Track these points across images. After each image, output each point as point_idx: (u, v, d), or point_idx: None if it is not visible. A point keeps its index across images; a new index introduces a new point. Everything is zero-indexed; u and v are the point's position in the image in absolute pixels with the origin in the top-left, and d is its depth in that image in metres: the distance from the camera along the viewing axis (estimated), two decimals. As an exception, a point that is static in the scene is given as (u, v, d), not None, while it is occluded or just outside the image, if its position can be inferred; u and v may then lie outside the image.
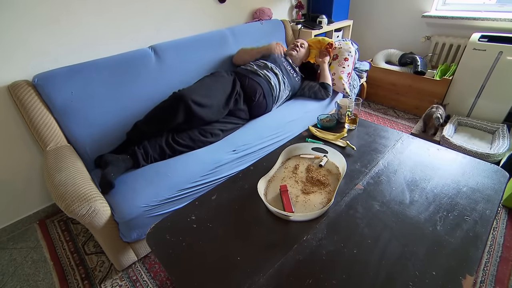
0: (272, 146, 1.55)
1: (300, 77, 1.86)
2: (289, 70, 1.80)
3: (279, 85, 1.70)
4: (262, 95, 1.61)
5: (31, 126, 1.25)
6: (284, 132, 1.64)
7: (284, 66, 1.78)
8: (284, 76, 1.75)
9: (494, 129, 1.96)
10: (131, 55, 1.49)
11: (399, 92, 2.45)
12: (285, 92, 1.76)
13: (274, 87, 1.67)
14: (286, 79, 1.75)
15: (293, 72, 1.83)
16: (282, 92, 1.73)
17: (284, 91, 1.75)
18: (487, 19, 2.05)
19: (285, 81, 1.74)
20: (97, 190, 1.10)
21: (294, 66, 1.85)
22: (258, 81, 1.62)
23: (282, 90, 1.73)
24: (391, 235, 0.84)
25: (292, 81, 1.80)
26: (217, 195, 1.01)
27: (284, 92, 1.76)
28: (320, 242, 0.83)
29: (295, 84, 1.82)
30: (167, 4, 1.71)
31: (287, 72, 1.78)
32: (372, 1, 2.65)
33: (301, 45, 1.91)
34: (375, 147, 1.22)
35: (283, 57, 1.81)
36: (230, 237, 0.86)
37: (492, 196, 0.95)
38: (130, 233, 1.13)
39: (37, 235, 1.55)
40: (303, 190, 1.00)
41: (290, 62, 1.84)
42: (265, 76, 1.66)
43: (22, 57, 1.30)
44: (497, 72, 1.89)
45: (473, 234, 0.83)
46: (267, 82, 1.65)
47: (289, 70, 1.80)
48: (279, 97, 1.73)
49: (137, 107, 1.47)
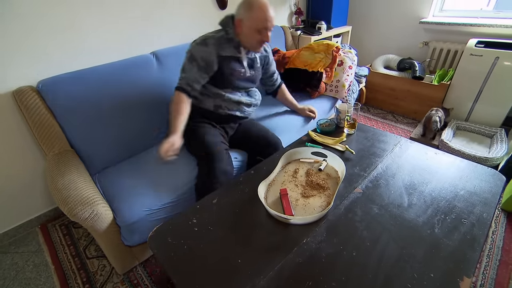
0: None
1: (259, 63, 1.46)
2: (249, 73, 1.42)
3: (247, 99, 1.46)
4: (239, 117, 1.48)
5: (35, 131, 1.27)
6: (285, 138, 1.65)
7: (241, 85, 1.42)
8: (246, 90, 1.48)
9: (492, 133, 1.97)
10: (133, 61, 1.52)
11: (398, 96, 2.48)
12: (255, 96, 1.52)
13: (245, 106, 1.46)
14: (248, 88, 1.48)
15: (251, 70, 1.43)
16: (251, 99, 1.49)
17: (254, 96, 1.52)
18: (483, 25, 2.08)
19: (249, 91, 1.50)
20: (99, 194, 1.11)
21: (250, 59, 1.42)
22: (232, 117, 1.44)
23: (252, 98, 1.50)
24: (389, 237, 0.85)
25: (256, 80, 1.48)
26: (218, 198, 1.02)
27: (254, 97, 1.52)
28: (319, 245, 0.84)
29: (258, 76, 1.49)
30: (169, 10, 1.75)
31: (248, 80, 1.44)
32: (371, 7, 2.69)
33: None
34: (374, 151, 1.24)
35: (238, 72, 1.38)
36: (231, 240, 0.87)
37: (489, 199, 0.96)
38: (132, 237, 1.14)
39: (38, 239, 1.56)
40: (303, 193, 1.01)
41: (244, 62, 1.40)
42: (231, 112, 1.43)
43: (27, 63, 1.33)
44: (494, 77, 1.91)
45: (470, 236, 0.84)
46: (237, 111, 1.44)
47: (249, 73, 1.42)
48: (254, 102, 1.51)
49: (139, 112, 1.49)
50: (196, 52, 1.26)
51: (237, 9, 1.24)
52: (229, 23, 1.27)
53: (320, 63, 1.92)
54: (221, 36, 1.29)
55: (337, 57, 1.92)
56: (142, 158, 1.46)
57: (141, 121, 1.51)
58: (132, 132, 1.49)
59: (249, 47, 1.31)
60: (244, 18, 1.21)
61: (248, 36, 1.25)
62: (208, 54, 1.25)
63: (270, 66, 1.56)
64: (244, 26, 1.23)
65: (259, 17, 1.19)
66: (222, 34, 1.29)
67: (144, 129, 1.53)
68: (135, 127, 1.49)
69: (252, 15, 1.19)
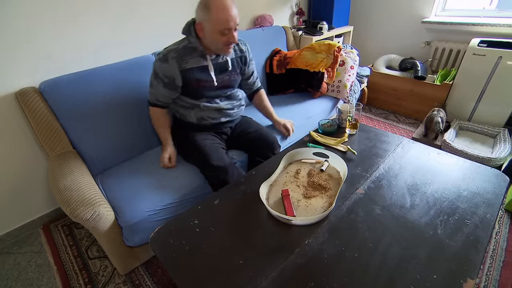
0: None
1: (233, 63, 1.35)
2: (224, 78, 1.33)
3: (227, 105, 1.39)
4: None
5: (38, 131, 1.28)
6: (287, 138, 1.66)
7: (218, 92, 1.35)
8: (224, 96, 1.39)
9: (495, 133, 1.96)
10: (135, 61, 1.52)
11: (400, 97, 2.47)
12: (236, 98, 1.45)
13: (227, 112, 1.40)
14: (226, 93, 1.39)
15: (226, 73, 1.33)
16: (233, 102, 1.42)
17: (235, 99, 1.44)
18: (486, 24, 2.07)
19: (228, 96, 1.41)
20: (101, 195, 1.12)
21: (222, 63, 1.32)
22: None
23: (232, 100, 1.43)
24: (392, 239, 0.85)
25: (231, 87, 1.39)
26: (219, 199, 1.02)
27: (236, 98, 1.45)
28: (321, 246, 0.84)
29: (235, 80, 1.39)
30: (170, 11, 1.75)
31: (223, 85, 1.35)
32: (372, 7, 2.68)
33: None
34: (376, 152, 1.23)
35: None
36: (233, 241, 0.87)
37: (492, 200, 0.95)
38: (134, 237, 1.14)
39: (41, 239, 1.57)
40: (305, 194, 1.01)
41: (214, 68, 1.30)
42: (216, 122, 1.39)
43: (29, 64, 1.33)
44: (497, 76, 1.90)
45: (473, 237, 0.83)
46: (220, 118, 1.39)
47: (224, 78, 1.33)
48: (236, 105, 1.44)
49: (141, 112, 1.49)
50: (158, 69, 1.20)
51: (196, 11, 1.12)
52: (191, 30, 1.16)
53: (322, 63, 1.92)
54: (184, 46, 1.19)
55: (338, 57, 1.92)
56: (144, 158, 1.46)
57: (143, 122, 1.51)
58: (135, 133, 1.49)
59: (216, 51, 1.21)
60: (204, 20, 1.09)
61: (211, 39, 1.13)
62: (169, 71, 1.18)
63: (247, 68, 1.42)
64: (205, 29, 1.12)
65: (220, 18, 1.06)
66: (185, 44, 1.19)
67: (147, 130, 1.53)
68: (137, 128, 1.50)
69: (211, 16, 1.06)
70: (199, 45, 1.19)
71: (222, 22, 1.07)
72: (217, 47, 1.18)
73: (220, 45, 1.16)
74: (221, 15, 1.06)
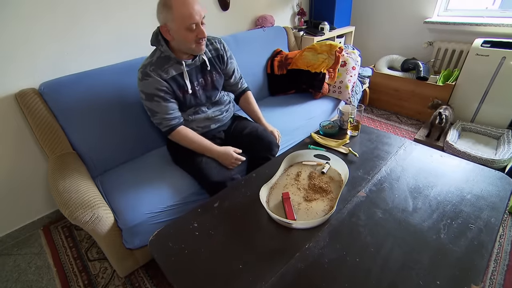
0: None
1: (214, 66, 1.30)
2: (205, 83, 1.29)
3: (216, 112, 1.37)
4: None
5: (37, 133, 1.27)
6: (288, 140, 1.65)
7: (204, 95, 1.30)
8: (210, 102, 1.35)
9: (498, 134, 1.94)
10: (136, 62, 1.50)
11: (402, 97, 2.45)
12: (223, 102, 1.41)
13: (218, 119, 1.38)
14: (211, 99, 1.35)
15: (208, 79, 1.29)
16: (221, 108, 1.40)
17: (223, 105, 1.41)
18: (489, 24, 2.05)
19: (214, 102, 1.37)
20: (101, 197, 1.11)
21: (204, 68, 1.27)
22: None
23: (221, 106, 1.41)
24: (394, 243, 0.83)
25: (215, 89, 1.34)
26: (219, 202, 1.01)
27: (223, 104, 1.41)
28: (322, 250, 0.82)
29: (217, 81, 1.33)
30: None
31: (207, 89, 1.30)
32: (374, 7, 2.66)
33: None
34: (378, 154, 1.22)
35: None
36: (232, 245, 0.86)
37: (497, 203, 0.94)
38: (133, 240, 1.14)
39: (41, 241, 1.56)
40: (305, 197, 1.00)
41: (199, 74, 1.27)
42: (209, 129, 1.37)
43: (29, 66, 1.33)
44: (500, 77, 1.88)
45: (478, 242, 0.81)
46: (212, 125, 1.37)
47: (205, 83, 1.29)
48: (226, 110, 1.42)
49: (141, 113, 1.48)
50: (147, 89, 1.13)
51: (157, 16, 1.07)
52: (159, 40, 1.12)
53: (323, 64, 1.90)
54: (157, 57, 1.15)
55: (340, 57, 1.90)
56: (144, 160, 1.45)
57: (143, 123, 1.50)
58: (135, 134, 1.49)
59: (188, 50, 1.14)
60: (168, 21, 1.04)
61: (181, 39, 1.07)
62: (156, 83, 1.13)
63: (225, 67, 1.34)
64: (171, 30, 1.06)
65: (184, 13, 1.01)
66: (158, 55, 1.15)
67: (147, 131, 1.52)
68: (138, 129, 1.49)
69: (174, 14, 1.01)
70: (171, 52, 1.13)
71: (187, 17, 1.02)
72: (188, 46, 1.11)
73: (191, 43, 1.09)
74: (184, 10, 1.01)
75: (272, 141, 1.40)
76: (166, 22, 1.06)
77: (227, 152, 1.26)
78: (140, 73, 1.14)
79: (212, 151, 1.26)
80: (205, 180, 1.22)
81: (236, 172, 1.31)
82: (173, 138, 1.25)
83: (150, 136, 1.54)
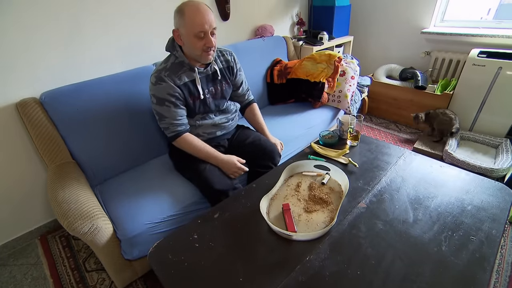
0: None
1: (223, 74, 1.34)
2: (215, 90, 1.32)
3: (222, 119, 1.39)
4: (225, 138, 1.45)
5: (37, 142, 1.27)
6: (288, 149, 1.65)
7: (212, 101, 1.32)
8: (218, 110, 1.38)
9: (497, 143, 1.95)
10: (136, 72, 1.52)
11: (401, 106, 2.47)
12: (230, 111, 1.44)
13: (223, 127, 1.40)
14: (219, 107, 1.37)
15: (217, 85, 1.32)
16: (227, 115, 1.42)
17: (229, 113, 1.43)
18: (485, 35, 2.08)
19: (222, 110, 1.40)
20: (100, 207, 1.10)
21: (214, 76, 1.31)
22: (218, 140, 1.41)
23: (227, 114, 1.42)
24: (395, 255, 0.83)
25: (223, 98, 1.37)
26: (219, 213, 1.01)
27: (230, 112, 1.44)
28: (323, 263, 0.82)
29: (226, 91, 1.37)
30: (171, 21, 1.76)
31: (215, 97, 1.33)
32: (372, 18, 2.70)
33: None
34: (378, 164, 1.22)
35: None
36: (233, 257, 0.85)
37: (498, 215, 0.93)
38: (132, 251, 1.12)
39: (38, 251, 1.54)
40: (306, 208, 0.99)
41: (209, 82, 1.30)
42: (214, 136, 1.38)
43: (30, 75, 1.33)
44: (497, 87, 1.90)
45: (479, 255, 0.81)
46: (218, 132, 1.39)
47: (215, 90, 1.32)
48: (230, 118, 1.44)
49: (141, 123, 1.49)
50: (159, 93, 1.16)
51: (173, 20, 1.13)
52: (175, 45, 1.17)
53: (322, 73, 1.92)
54: (172, 63, 1.18)
55: (339, 67, 1.92)
56: (144, 170, 1.45)
57: (143, 133, 1.50)
58: (135, 143, 1.49)
59: (196, 57, 1.18)
60: (180, 26, 1.09)
61: (189, 45, 1.12)
62: (169, 88, 1.16)
63: (235, 78, 1.39)
64: (182, 35, 1.11)
65: (194, 21, 1.06)
66: (172, 61, 1.19)
67: (146, 141, 1.52)
68: (138, 138, 1.49)
69: (186, 20, 1.06)
70: (185, 58, 1.17)
71: (197, 25, 1.07)
72: (196, 53, 1.15)
73: (198, 50, 1.13)
74: (195, 17, 1.06)
75: (274, 150, 1.41)
76: (178, 27, 1.11)
77: (231, 160, 1.27)
78: (154, 78, 1.17)
79: (217, 158, 1.27)
80: (207, 188, 1.22)
81: (238, 181, 1.32)
82: (178, 144, 1.26)
83: (152, 144, 1.54)
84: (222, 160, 1.27)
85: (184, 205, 1.23)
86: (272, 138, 1.50)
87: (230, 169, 1.28)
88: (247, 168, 1.31)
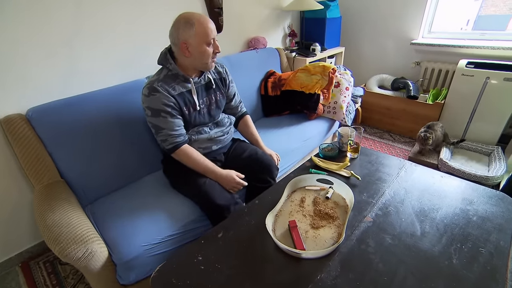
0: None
1: (218, 87, 1.35)
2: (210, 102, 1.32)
3: (218, 132, 1.37)
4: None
5: (23, 161, 1.20)
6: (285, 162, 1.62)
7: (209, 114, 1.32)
8: (213, 122, 1.36)
9: (489, 151, 1.99)
10: (128, 86, 1.48)
11: (394, 116, 2.51)
12: (224, 124, 1.41)
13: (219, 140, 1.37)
14: (215, 119, 1.37)
15: (211, 96, 1.32)
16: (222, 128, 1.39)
17: (223, 126, 1.40)
18: (471, 46, 2.15)
19: (217, 122, 1.38)
20: (94, 229, 1.04)
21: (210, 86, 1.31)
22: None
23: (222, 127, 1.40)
24: (406, 270, 0.81)
25: (218, 109, 1.37)
26: (223, 232, 0.96)
27: (224, 125, 1.41)
28: (335, 281, 0.79)
29: (220, 101, 1.36)
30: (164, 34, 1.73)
31: (210, 107, 1.32)
32: (361, 29, 2.77)
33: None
34: (379, 176, 1.21)
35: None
36: (240, 278, 0.81)
37: (503, 225, 0.93)
38: (129, 275, 1.05)
39: (19, 279, 1.42)
40: (312, 224, 0.97)
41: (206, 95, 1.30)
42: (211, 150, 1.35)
43: (16, 90, 1.27)
44: (486, 96, 1.96)
45: (490, 267, 0.80)
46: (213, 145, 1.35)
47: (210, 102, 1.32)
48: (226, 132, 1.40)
49: (133, 139, 1.44)
50: (154, 105, 1.13)
51: (174, 34, 1.12)
52: (168, 58, 1.17)
53: (317, 85, 1.93)
54: (165, 75, 1.18)
55: (333, 78, 1.94)
56: (138, 186, 1.39)
57: (135, 149, 1.45)
58: (127, 159, 1.43)
59: (203, 65, 1.19)
60: (189, 37, 1.10)
61: (199, 54, 1.14)
62: (164, 98, 1.14)
63: (228, 90, 1.40)
64: (191, 46, 1.11)
65: (205, 30, 1.10)
66: (165, 73, 1.18)
67: (139, 157, 1.47)
68: (130, 154, 1.43)
69: (197, 30, 1.09)
70: (179, 70, 1.18)
71: (207, 33, 1.12)
72: (204, 61, 1.17)
73: (207, 58, 1.16)
74: (207, 26, 1.12)
75: (271, 164, 1.39)
76: (187, 39, 1.11)
77: (230, 175, 1.25)
78: (146, 89, 1.15)
79: (216, 173, 1.24)
80: (208, 203, 1.18)
81: (238, 196, 1.29)
82: (177, 156, 1.22)
83: (146, 155, 1.48)
84: (221, 175, 1.24)
85: (183, 223, 1.17)
86: (267, 150, 1.48)
87: (229, 184, 1.25)
88: (246, 183, 1.29)
